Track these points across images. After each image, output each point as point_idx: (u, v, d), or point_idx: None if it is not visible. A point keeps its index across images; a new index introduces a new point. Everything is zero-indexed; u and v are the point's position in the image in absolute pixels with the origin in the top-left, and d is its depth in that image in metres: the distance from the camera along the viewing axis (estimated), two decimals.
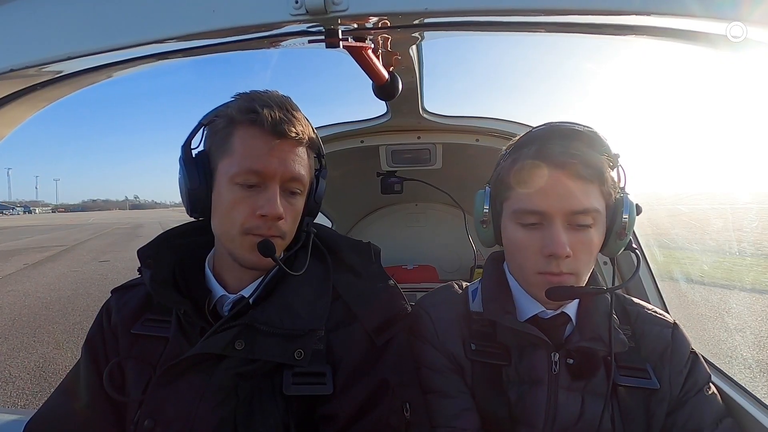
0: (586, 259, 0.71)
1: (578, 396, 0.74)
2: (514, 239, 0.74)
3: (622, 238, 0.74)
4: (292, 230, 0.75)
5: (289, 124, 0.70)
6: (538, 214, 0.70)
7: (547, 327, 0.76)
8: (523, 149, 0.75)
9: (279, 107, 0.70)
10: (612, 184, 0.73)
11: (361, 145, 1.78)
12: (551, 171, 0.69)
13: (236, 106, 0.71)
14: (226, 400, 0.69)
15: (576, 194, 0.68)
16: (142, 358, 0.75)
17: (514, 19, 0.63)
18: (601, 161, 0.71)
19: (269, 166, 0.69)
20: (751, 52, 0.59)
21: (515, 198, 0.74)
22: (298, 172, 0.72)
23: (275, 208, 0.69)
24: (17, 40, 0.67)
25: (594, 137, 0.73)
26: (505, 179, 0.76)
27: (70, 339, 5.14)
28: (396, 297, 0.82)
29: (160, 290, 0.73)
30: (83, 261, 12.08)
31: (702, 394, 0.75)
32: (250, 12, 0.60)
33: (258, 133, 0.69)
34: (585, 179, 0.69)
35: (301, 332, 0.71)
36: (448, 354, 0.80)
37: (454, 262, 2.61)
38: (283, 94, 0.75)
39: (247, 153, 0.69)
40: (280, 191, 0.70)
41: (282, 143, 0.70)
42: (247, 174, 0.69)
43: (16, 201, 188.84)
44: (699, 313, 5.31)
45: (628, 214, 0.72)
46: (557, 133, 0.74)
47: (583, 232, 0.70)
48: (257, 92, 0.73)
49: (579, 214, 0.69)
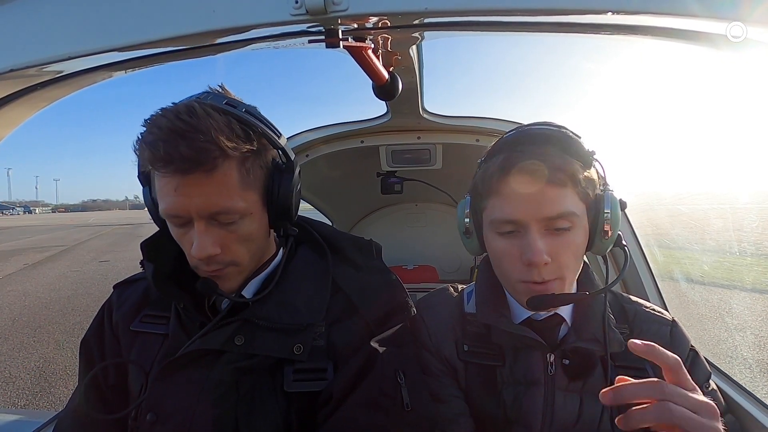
0: (569, 262, 0.70)
1: (576, 397, 0.73)
2: (495, 249, 0.74)
3: (608, 235, 0.72)
4: (245, 253, 0.70)
5: (188, 158, 0.59)
6: (513, 222, 0.70)
7: (542, 328, 0.75)
8: (493, 158, 0.74)
9: (179, 137, 0.59)
10: (588, 183, 0.71)
11: (361, 145, 1.78)
12: (520, 178, 0.68)
13: (139, 147, 0.65)
14: (226, 395, 0.69)
15: (548, 199, 0.67)
16: (142, 353, 0.76)
17: (514, 19, 0.63)
18: (571, 163, 0.70)
19: (179, 208, 0.63)
20: (751, 52, 0.59)
21: (490, 207, 0.73)
22: (218, 205, 0.63)
23: (200, 251, 0.64)
24: (17, 40, 0.67)
25: (563, 138, 0.72)
26: (479, 189, 0.75)
27: (70, 339, 5.14)
28: (397, 290, 0.81)
29: (161, 284, 0.73)
30: (83, 261, 12.07)
31: (703, 392, 0.74)
32: (250, 12, 0.60)
33: (162, 174, 0.63)
34: (556, 183, 0.68)
35: (300, 327, 0.71)
36: (442, 357, 0.80)
37: (454, 262, 2.61)
38: (193, 103, 0.63)
39: (161, 195, 0.65)
40: (210, 225, 0.65)
41: (185, 180, 0.61)
42: (168, 217, 0.66)
43: (16, 201, 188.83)
44: (699, 313, 5.31)
45: (611, 210, 0.71)
46: (525, 138, 0.73)
47: (562, 235, 0.69)
48: (156, 120, 0.62)
49: (554, 219, 0.68)
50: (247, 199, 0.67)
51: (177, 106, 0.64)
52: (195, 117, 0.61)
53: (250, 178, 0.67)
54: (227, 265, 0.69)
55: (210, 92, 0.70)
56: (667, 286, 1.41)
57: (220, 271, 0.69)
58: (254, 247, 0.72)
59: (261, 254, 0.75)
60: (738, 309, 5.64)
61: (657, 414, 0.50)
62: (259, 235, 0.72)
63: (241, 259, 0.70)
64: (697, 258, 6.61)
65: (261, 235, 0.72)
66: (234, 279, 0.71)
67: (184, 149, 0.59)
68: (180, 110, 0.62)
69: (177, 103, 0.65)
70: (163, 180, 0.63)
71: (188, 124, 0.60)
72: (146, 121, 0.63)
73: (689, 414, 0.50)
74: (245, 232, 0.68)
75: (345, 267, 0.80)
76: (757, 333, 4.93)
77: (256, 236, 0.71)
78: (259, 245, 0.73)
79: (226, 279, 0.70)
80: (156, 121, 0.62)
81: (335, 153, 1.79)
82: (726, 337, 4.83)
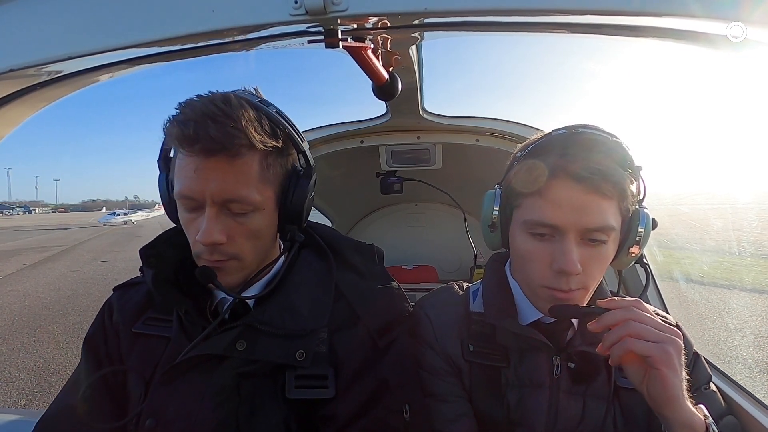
0: (597, 274, 0.69)
1: (579, 399, 0.73)
2: (523, 250, 0.71)
3: (635, 253, 0.71)
4: (250, 249, 0.70)
5: (215, 139, 0.61)
6: (551, 227, 0.67)
7: (549, 331, 0.75)
8: (540, 156, 0.71)
9: (210, 119, 0.61)
10: (631, 199, 0.69)
11: (361, 145, 1.78)
12: (569, 184, 0.65)
13: (169, 125, 0.66)
14: (227, 400, 0.68)
15: (593, 210, 0.65)
16: (143, 357, 0.75)
17: (514, 19, 0.63)
18: (622, 176, 0.67)
19: (195, 190, 0.64)
20: (751, 52, 0.59)
21: (527, 207, 0.70)
22: (234, 193, 0.64)
23: (207, 236, 0.64)
24: (17, 40, 0.67)
25: (617, 148, 0.69)
26: (517, 185, 0.72)
27: (70, 339, 5.15)
28: (399, 299, 0.81)
29: (161, 289, 0.72)
30: (83, 261, 12.08)
31: (699, 392, 0.74)
32: (250, 12, 0.60)
33: (186, 154, 0.64)
34: (605, 195, 0.65)
35: (303, 332, 0.71)
36: (447, 356, 0.79)
37: (454, 262, 2.61)
38: (229, 94, 0.66)
39: (180, 176, 0.66)
40: (221, 213, 0.66)
41: (207, 162, 0.63)
42: (181, 199, 0.67)
43: (16, 201, 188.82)
44: (699, 313, 5.31)
45: (644, 228, 0.69)
46: (579, 142, 0.69)
47: (597, 248, 0.67)
48: (190, 102, 0.65)
49: (593, 231, 0.66)
50: (262, 193, 0.68)
51: (213, 94, 0.66)
52: (229, 105, 0.63)
53: (270, 173, 0.69)
54: (230, 258, 0.68)
55: (244, 90, 0.72)
56: (667, 286, 1.41)
57: (221, 263, 0.68)
58: (259, 244, 0.71)
59: (264, 255, 0.75)
60: (738, 309, 5.64)
61: (622, 330, 0.60)
62: (266, 234, 0.72)
63: (245, 254, 0.69)
64: (697, 258, 6.60)
65: (268, 234, 0.72)
66: (234, 274, 0.71)
67: (213, 131, 0.61)
68: (215, 98, 0.65)
69: (213, 92, 0.67)
70: (185, 160, 0.64)
71: (221, 110, 0.63)
72: (180, 104, 0.66)
73: (647, 328, 0.59)
74: (254, 227, 0.68)
75: (348, 273, 0.79)
76: (756, 333, 4.93)
77: (263, 234, 0.71)
78: (265, 244, 0.73)
79: (226, 273, 0.70)
80: (190, 104, 0.65)
81: (335, 153, 1.79)
82: (726, 337, 4.83)
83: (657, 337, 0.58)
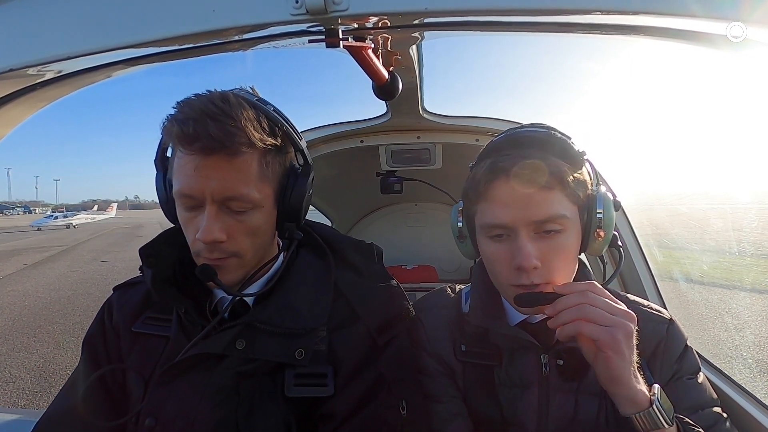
0: (560, 265, 0.69)
1: (572, 397, 0.74)
2: (488, 253, 0.73)
3: (601, 236, 0.71)
4: (249, 246, 0.70)
5: (215, 138, 0.61)
6: (502, 227, 0.69)
7: (537, 330, 0.75)
8: (481, 162, 0.74)
9: (209, 118, 0.62)
10: (578, 185, 0.70)
11: (361, 145, 1.78)
12: (507, 182, 0.68)
13: (168, 124, 0.66)
14: (226, 399, 0.69)
15: (537, 203, 0.67)
16: (142, 356, 0.75)
17: (514, 19, 0.63)
18: (557, 165, 0.68)
19: (194, 188, 0.64)
20: (751, 52, 0.59)
21: (481, 212, 0.73)
22: (234, 191, 0.65)
23: (207, 234, 0.64)
24: (17, 40, 0.67)
25: (550, 139, 0.71)
26: (470, 194, 0.75)
27: (70, 339, 5.15)
28: (398, 297, 0.82)
29: (161, 289, 0.72)
30: (83, 261, 12.08)
31: (682, 381, 0.74)
32: (250, 12, 0.60)
33: (185, 152, 0.64)
34: (543, 187, 0.67)
35: (302, 331, 0.71)
36: (440, 358, 0.80)
37: (454, 262, 2.62)
38: (228, 93, 0.67)
39: (179, 175, 0.66)
40: (221, 211, 0.66)
41: (207, 161, 0.63)
42: (180, 198, 0.67)
43: (16, 201, 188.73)
44: (699, 312, 5.31)
45: (603, 210, 0.70)
46: (512, 142, 0.73)
47: (553, 238, 0.68)
48: (189, 101, 0.65)
49: (542, 223, 0.67)
50: (261, 191, 0.68)
51: (212, 93, 0.67)
52: (228, 104, 0.64)
53: (269, 171, 0.69)
54: (230, 255, 0.68)
55: (242, 89, 0.72)
56: (667, 286, 1.41)
57: (221, 261, 0.68)
58: (259, 242, 0.72)
59: (263, 252, 0.75)
60: (737, 309, 5.65)
61: (574, 312, 0.61)
62: (265, 231, 0.72)
63: (245, 252, 0.70)
64: (697, 258, 6.61)
65: (267, 231, 0.73)
66: (234, 272, 0.71)
67: (213, 130, 0.61)
68: (214, 96, 0.65)
69: (211, 91, 0.67)
70: (184, 159, 0.64)
71: (220, 109, 0.63)
72: (179, 103, 0.66)
73: (599, 312, 0.61)
74: (253, 225, 0.69)
75: (347, 272, 0.80)
76: (756, 333, 4.93)
77: (262, 231, 0.71)
78: (264, 241, 0.73)
79: (226, 270, 0.70)
80: (189, 103, 0.65)
81: (335, 153, 1.79)
82: (725, 337, 4.84)
83: (607, 321, 0.60)
